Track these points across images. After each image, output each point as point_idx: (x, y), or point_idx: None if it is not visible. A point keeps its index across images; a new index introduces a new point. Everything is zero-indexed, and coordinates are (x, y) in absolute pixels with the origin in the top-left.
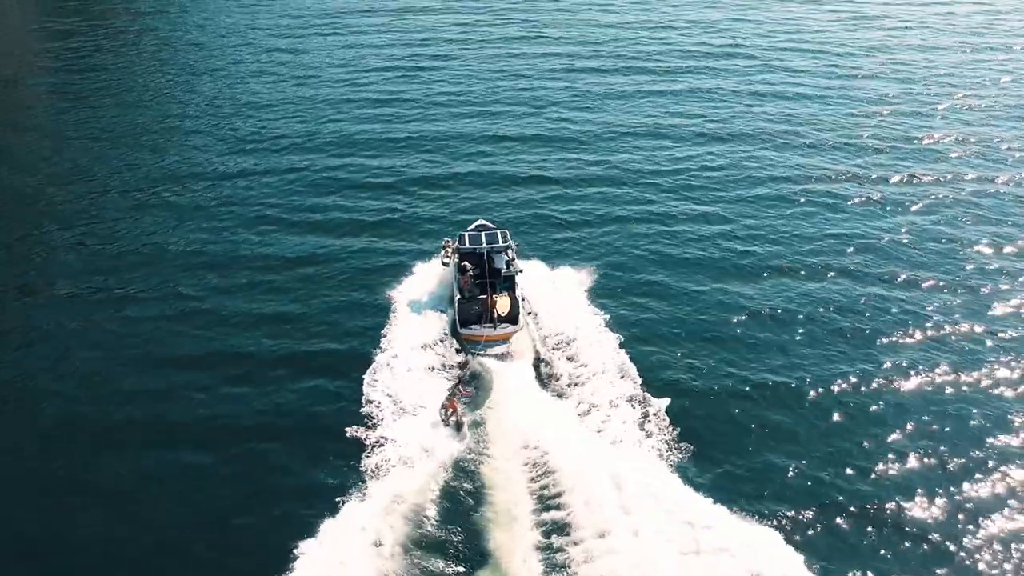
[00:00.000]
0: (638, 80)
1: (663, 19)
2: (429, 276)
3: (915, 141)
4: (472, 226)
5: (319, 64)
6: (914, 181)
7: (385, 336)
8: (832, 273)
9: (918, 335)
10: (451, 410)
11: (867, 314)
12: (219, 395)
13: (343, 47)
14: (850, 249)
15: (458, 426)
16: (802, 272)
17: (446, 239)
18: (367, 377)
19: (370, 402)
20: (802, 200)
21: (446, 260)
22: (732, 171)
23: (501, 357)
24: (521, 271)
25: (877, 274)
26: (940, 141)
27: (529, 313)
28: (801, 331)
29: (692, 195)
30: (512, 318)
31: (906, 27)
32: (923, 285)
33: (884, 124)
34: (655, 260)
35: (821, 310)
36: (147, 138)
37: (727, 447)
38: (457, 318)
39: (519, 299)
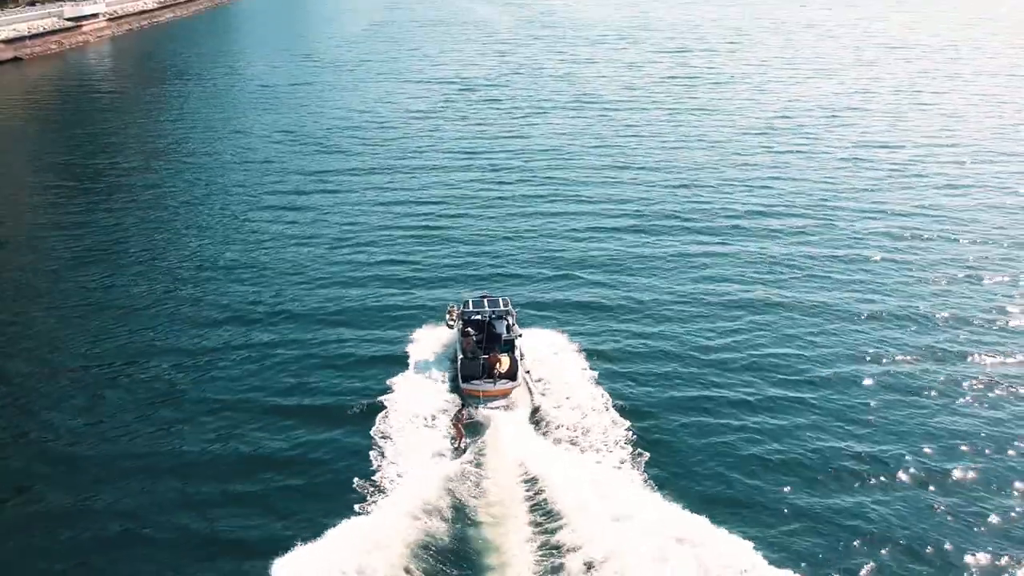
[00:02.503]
0: (669, 241)
1: (690, 178)
2: (435, 338)
3: (992, 321)
4: (476, 295)
5: (318, 222)
6: (1000, 368)
7: (394, 386)
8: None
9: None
10: (457, 436)
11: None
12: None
13: (343, 205)
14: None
15: (464, 448)
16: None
17: (451, 304)
18: (377, 419)
19: (379, 437)
20: (864, 377)
21: (451, 322)
22: (780, 339)
23: (500, 409)
24: (520, 335)
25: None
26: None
27: (527, 372)
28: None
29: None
30: (511, 374)
31: (962, 184)
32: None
33: (954, 294)
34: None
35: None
36: (133, 307)
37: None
38: (459, 374)
39: (518, 359)
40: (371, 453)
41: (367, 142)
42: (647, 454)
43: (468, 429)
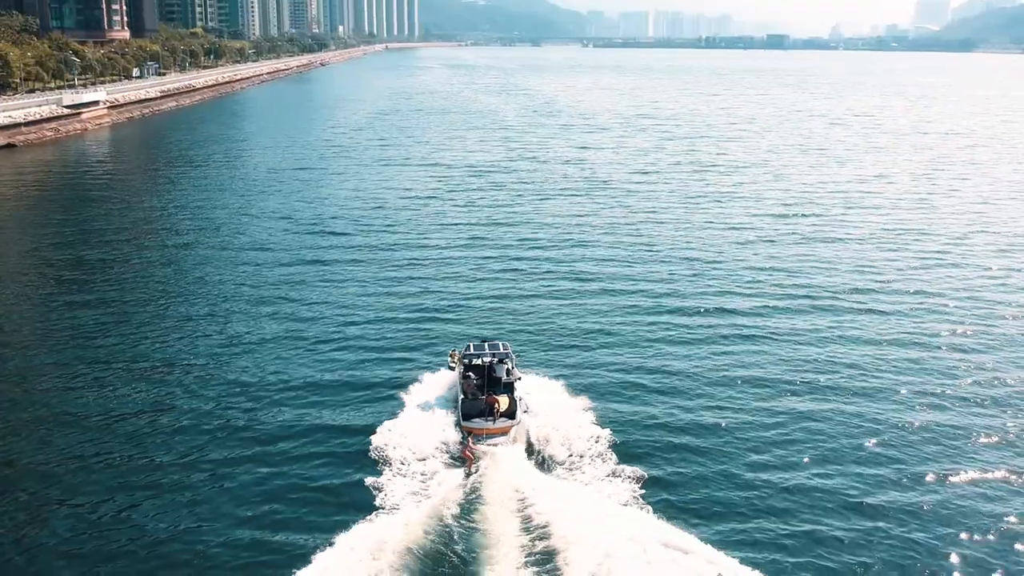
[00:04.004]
0: (695, 324)
1: (713, 262)
2: (437, 381)
3: None
4: (477, 340)
5: (319, 304)
6: None
7: (397, 424)
8: None
9: None
10: (469, 463)
11: None
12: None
13: (344, 287)
14: None
15: (469, 475)
16: None
17: (452, 350)
18: (380, 452)
19: (381, 467)
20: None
21: (452, 364)
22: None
23: (499, 445)
24: (520, 378)
25: None
26: None
27: (526, 412)
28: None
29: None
30: (510, 413)
31: (1010, 269)
32: None
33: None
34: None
35: None
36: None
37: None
38: (460, 412)
39: (517, 400)
40: (373, 481)
41: (370, 227)
42: (646, 491)
43: (464, 462)
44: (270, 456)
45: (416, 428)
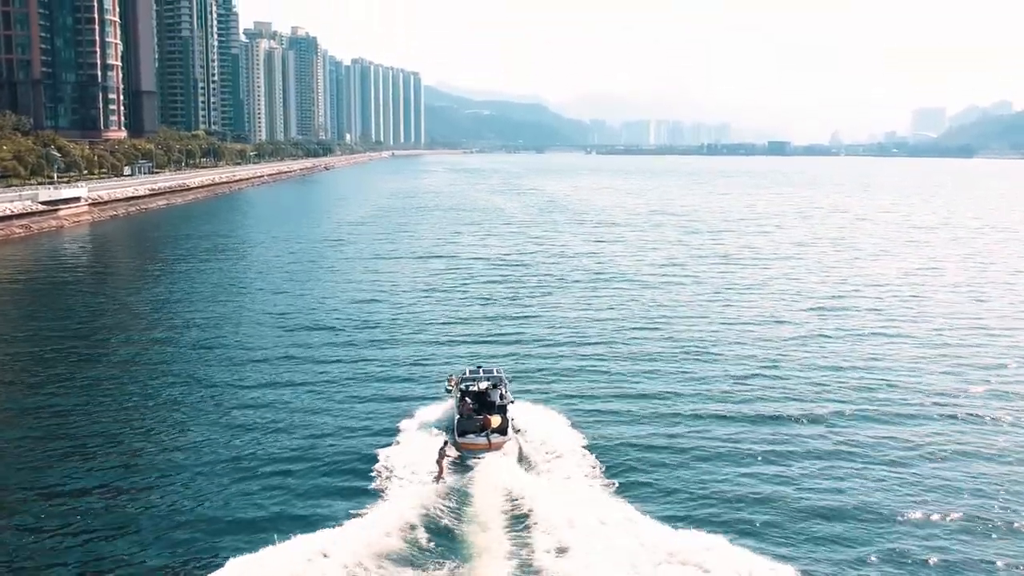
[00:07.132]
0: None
1: (761, 362)
2: (435, 407)
3: None
4: (473, 366)
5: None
6: None
7: (398, 439)
8: None
9: None
10: (439, 472)
11: None
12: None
13: (342, 384)
14: None
15: (442, 480)
16: None
17: (450, 375)
18: (378, 466)
19: (378, 475)
20: None
21: (449, 388)
22: None
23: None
24: (512, 402)
25: None
26: None
27: (517, 431)
28: None
29: None
30: (501, 430)
31: None
32: None
33: None
34: None
35: None
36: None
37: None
38: (456, 430)
39: (509, 418)
40: (368, 487)
41: (368, 322)
42: (628, 496)
43: (455, 467)
44: (272, 459)
45: (414, 443)
